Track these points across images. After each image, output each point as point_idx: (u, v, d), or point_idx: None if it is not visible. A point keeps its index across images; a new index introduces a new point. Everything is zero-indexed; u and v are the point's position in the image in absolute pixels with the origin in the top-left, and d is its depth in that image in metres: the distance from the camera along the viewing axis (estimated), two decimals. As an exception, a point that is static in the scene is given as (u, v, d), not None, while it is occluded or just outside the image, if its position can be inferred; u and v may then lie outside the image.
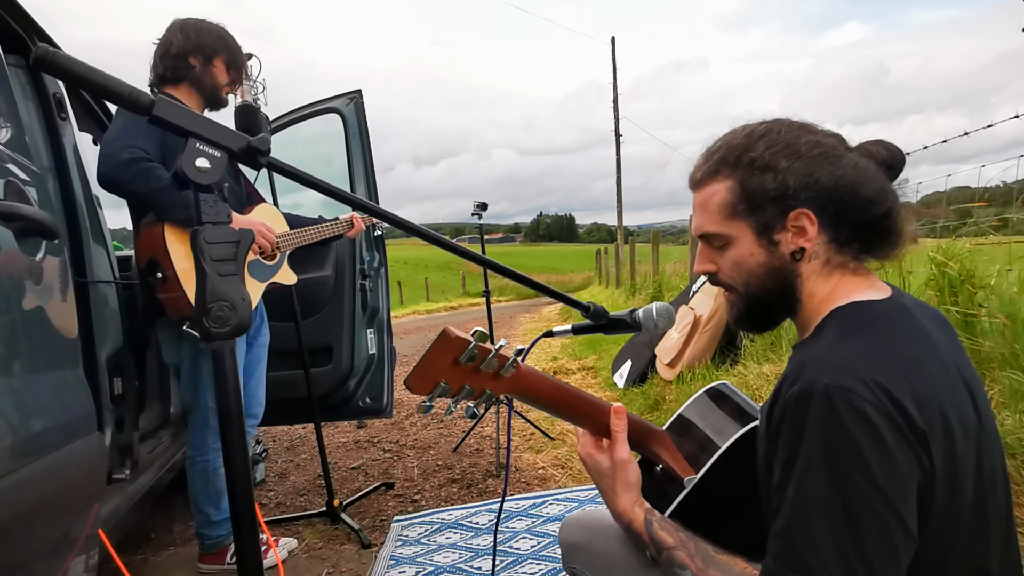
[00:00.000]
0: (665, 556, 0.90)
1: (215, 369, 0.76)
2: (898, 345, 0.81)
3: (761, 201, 0.89)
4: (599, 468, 1.00)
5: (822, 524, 0.73)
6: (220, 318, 0.74)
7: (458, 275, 35.95)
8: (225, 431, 0.76)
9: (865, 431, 0.72)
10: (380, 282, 3.26)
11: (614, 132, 21.93)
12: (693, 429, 1.12)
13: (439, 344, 0.85)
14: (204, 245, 0.74)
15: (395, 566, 2.28)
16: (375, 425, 4.45)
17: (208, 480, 2.22)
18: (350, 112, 3.18)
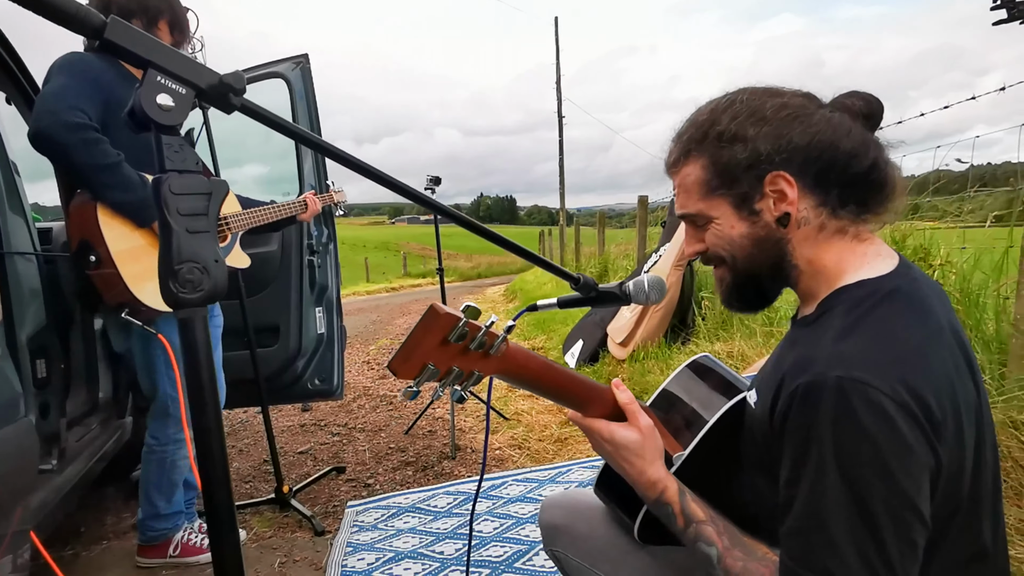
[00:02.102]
0: (693, 530, 0.86)
1: (184, 342, 0.65)
2: (911, 332, 0.77)
3: (735, 173, 0.86)
4: (627, 443, 0.91)
5: (840, 525, 0.69)
6: (190, 282, 0.64)
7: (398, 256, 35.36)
8: (197, 415, 0.66)
9: (882, 426, 0.69)
10: (329, 258, 3.11)
11: (557, 114, 21.92)
12: (678, 404, 1.08)
13: (426, 322, 0.76)
14: (169, 196, 0.63)
15: (352, 553, 2.19)
16: (321, 408, 4.29)
17: (164, 472, 2.07)
18: (296, 78, 2.98)
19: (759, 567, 0.80)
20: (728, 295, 0.96)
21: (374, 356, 6.34)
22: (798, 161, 0.84)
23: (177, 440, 2.06)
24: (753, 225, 0.88)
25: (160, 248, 0.64)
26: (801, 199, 0.85)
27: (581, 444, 3.20)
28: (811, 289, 0.90)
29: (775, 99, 0.86)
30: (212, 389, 0.66)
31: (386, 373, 5.42)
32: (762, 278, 0.91)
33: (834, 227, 0.87)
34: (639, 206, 5.98)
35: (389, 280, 21.89)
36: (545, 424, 3.54)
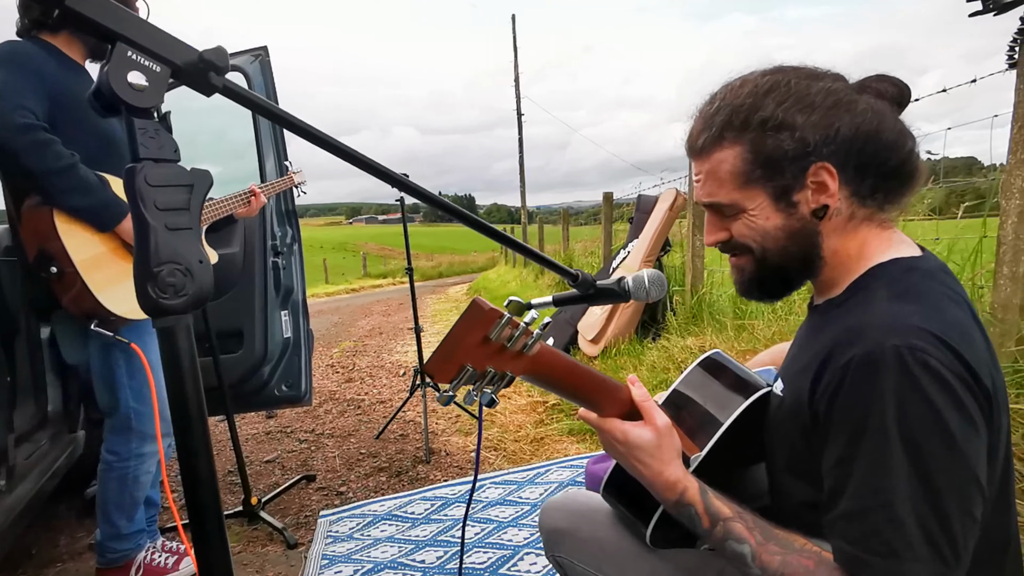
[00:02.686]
0: (721, 529, 0.80)
1: (167, 354, 0.57)
2: (954, 307, 0.76)
3: (779, 164, 0.81)
4: (642, 443, 0.87)
5: (904, 502, 0.67)
6: (171, 286, 0.56)
7: (357, 256, 34.85)
8: (182, 435, 0.58)
9: (943, 393, 0.67)
10: (294, 259, 2.99)
11: (516, 112, 21.90)
12: (691, 403, 1.04)
13: (469, 318, 0.71)
14: (145, 188, 0.55)
15: (329, 566, 2.10)
16: (286, 415, 4.15)
17: (125, 489, 1.94)
18: (255, 71, 2.85)
19: (800, 559, 0.75)
20: (749, 284, 0.92)
21: (338, 359, 6.19)
22: (842, 153, 0.80)
23: (140, 455, 1.94)
24: (789, 217, 0.84)
25: (136, 248, 0.56)
26: (839, 190, 0.82)
27: (557, 444, 3.16)
28: (832, 277, 0.88)
29: (819, 83, 0.82)
30: (199, 405, 0.59)
31: (353, 376, 5.30)
32: (791, 270, 0.88)
33: (861, 216, 0.85)
34: (604, 202, 5.98)
35: (349, 281, 21.52)
36: (520, 424, 3.49)
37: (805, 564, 0.74)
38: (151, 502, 2.14)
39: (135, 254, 0.56)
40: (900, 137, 0.83)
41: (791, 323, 2.97)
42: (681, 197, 4.17)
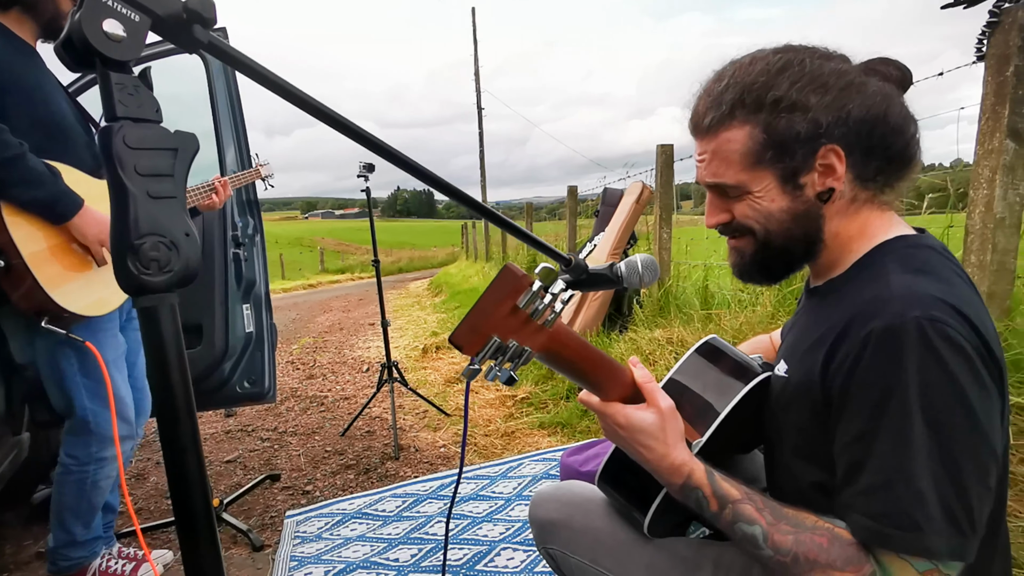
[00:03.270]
0: (729, 512, 0.78)
1: (149, 337, 0.51)
2: (965, 283, 0.77)
3: (791, 145, 0.80)
4: (645, 426, 0.84)
5: (926, 474, 0.67)
6: (155, 261, 0.50)
7: (315, 252, 34.17)
8: (168, 428, 0.52)
9: (964, 365, 0.67)
10: (256, 251, 2.88)
11: (476, 106, 21.78)
12: (690, 389, 1.02)
13: (500, 284, 0.68)
14: (124, 151, 0.49)
15: (298, 567, 2.02)
16: (247, 413, 4.01)
17: (84, 494, 1.83)
18: (213, 53, 2.73)
19: (813, 537, 0.73)
20: (748, 267, 0.90)
21: (298, 356, 6.03)
22: (852, 135, 0.79)
23: (100, 459, 1.82)
24: (794, 200, 0.83)
25: (113, 217, 0.50)
26: (845, 173, 0.81)
27: (528, 437, 3.14)
28: (832, 258, 0.87)
29: (830, 63, 0.81)
30: (186, 395, 0.53)
31: (314, 372, 5.16)
32: (793, 253, 0.87)
33: (863, 199, 0.85)
34: (569, 196, 5.98)
35: (306, 277, 21.07)
36: (489, 418, 3.45)
37: (819, 541, 0.73)
38: (110, 508, 2.03)
39: (112, 224, 0.50)
40: (905, 121, 0.83)
41: (757, 314, 3.02)
42: (647, 190, 4.19)
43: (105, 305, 1.74)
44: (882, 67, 0.86)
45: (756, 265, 0.90)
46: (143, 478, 3.00)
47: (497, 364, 0.73)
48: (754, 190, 0.84)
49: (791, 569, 0.73)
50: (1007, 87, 1.53)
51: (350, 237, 57.83)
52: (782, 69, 0.81)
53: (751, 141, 0.81)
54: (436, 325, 7.05)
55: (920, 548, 0.67)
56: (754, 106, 0.81)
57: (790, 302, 2.90)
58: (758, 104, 0.80)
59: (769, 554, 0.75)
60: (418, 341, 6.01)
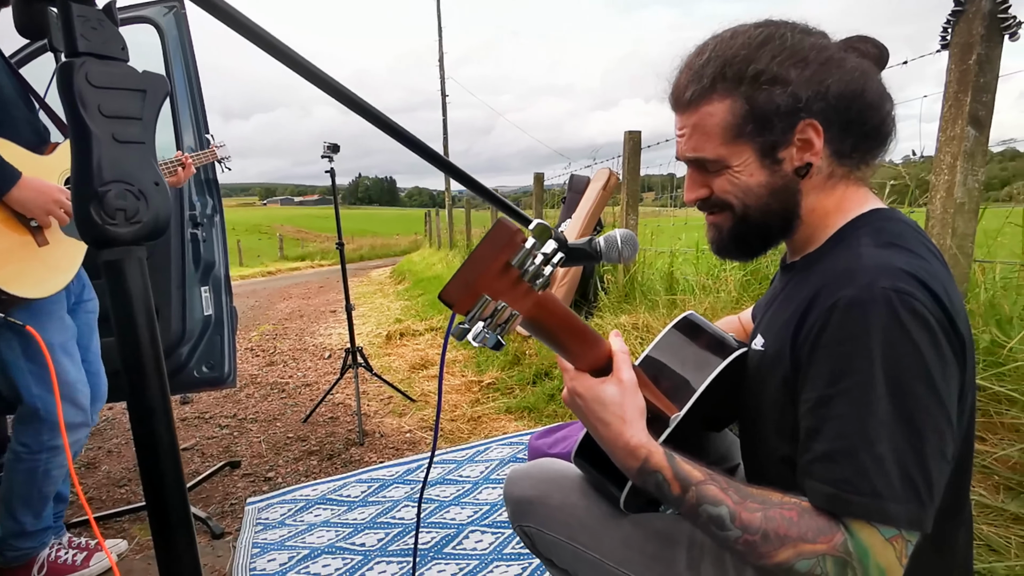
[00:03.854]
0: (693, 493, 0.76)
1: (115, 294, 0.48)
2: (935, 257, 0.78)
3: (771, 119, 0.80)
4: (603, 399, 0.82)
5: (885, 441, 0.67)
6: (121, 210, 0.46)
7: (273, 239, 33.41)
8: (137, 394, 0.48)
9: (926, 337, 0.68)
10: (215, 232, 2.77)
11: (440, 93, 21.53)
12: (667, 366, 1.02)
13: (494, 238, 0.65)
14: (87, 89, 0.45)
15: (261, 554, 1.97)
16: (203, 400, 3.89)
17: (35, 483, 1.74)
18: (169, 24, 2.60)
19: (782, 512, 0.73)
20: (726, 242, 0.90)
21: (257, 343, 5.88)
22: (831, 110, 0.79)
23: (52, 447, 1.73)
24: (773, 175, 0.83)
25: (74, 163, 0.46)
26: (823, 148, 0.81)
27: (495, 422, 3.13)
28: (809, 234, 0.88)
29: (811, 39, 0.81)
30: (156, 359, 0.49)
31: (274, 359, 5.05)
32: (771, 228, 0.87)
33: (839, 173, 0.85)
34: (535, 183, 5.97)
35: (265, 264, 20.58)
36: (455, 404, 3.43)
37: (788, 516, 0.72)
38: (60, 497, 1.93)
39: (73, 169, 0.46)
40: (881, 98, 0.83)
41: (722, 299, 3.06)
42: (614, 176, 4.20)
43: (47, 287, 1.64)
44: (860, 44, 0.87)
45: (734, 240, 0.90)
46: (94, 467, 2.89)
47: (486, 326, 0.71)
48: (733, 164, 0.83)
49: (760, 547, 0.72)
50: (970, 75, 1.57)
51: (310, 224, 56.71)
52: (763, 43, 0.80)
53: (731, 115, 0.81)
54: (400, 312, 6.97)
55: (879, 514, 0.67)
56: (735, 79, 0.80)
57: (754, 287, 2.95)
58: (739, 77, 0.80)
59: (737, 534, 0.73)
60: (382, 328, 5.94)
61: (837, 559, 0.69)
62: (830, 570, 0.69)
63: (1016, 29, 1.53)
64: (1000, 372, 1.51)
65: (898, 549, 0.68)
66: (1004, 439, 1.45)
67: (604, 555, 1.00)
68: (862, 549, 0.68)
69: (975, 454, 1.43)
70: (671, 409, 0.94)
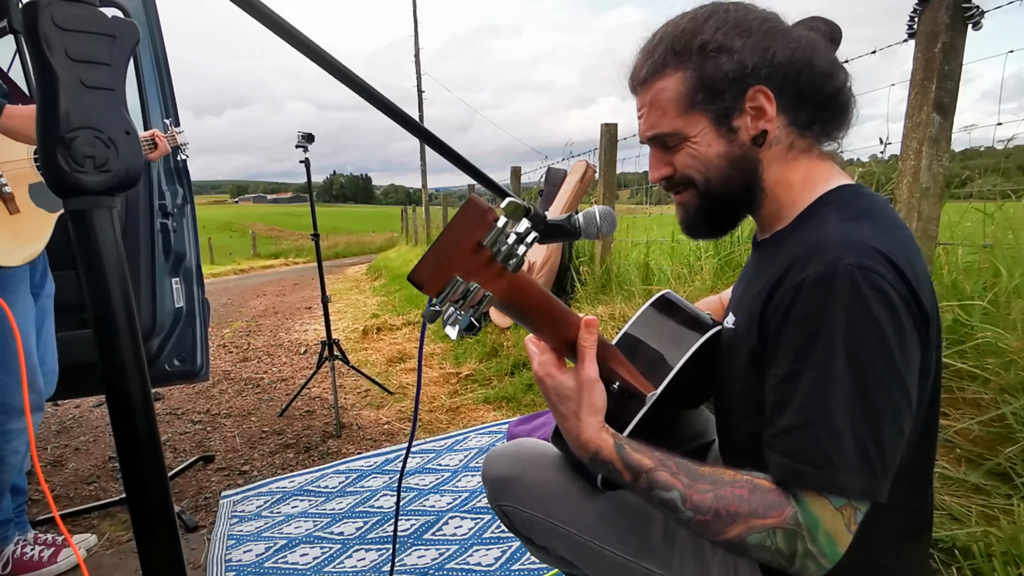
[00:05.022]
0: (644, 480, 0.78)
1: (83, 248, 0.46)
2: (901, 230, 0.79)
3: (719, 86, 0.82)
4: (560, 390, 0.84)
5: (843, 414, 0.69)
6: (90, 158, 0.45)
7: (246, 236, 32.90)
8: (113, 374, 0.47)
9: (887, 313, 0.69)
10: (186, 222, 2.72)
11: (416, 89, 21.41)
12: (644, 343, 1.02)
13: (465, 217, 0.64)
14: (52, 31, 0.44)
15: (236, 546, 1.94)
16: (175, 395, 3.82)
17: None
18: (136, 7, 2.54)
19: (732, 490, 0.74)
20: (693, 220, 0.91)
21: (231, 339, 5.79)
22: (779, 78, 0.81)
23: (5, 432, 1.68)
24: (730, 144, 0.84)
25: (39, 108, 0.44)
26: (777, 117, 0.83)
27: (473, 412, 3.12)
28: (776, 209, 0.88)
29: (755, 12, 0.83)
30: (129, 318, 0.48)
31: (248, 355, 4.97)
32: (734, 199, 0.88)
33: (801, 147, 0.86)
34: (512, 177, 5.97)
35: (237, 262, 20.25)
36: (433, 395, 3.42)
37: (739, 493, 0.74)
38: (18, 489, 1.88)
39: (38, 114, 0.44)
40: (833, 68, 0.85)
41: (696, 286, 3.10)
42: (591, 169, 4.22)
43: (14, 256, 1.59)
44: (811, 23, 0.89)
45: (701, 216, 0.91)
46: (62, 464, 2.81)
47: (457, 307, 0.70)
48: (690, 135, 0.85)
49: (712, 525, 0.73)
50: (935, 63, 1.61)
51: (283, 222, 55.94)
52: (707, 17, 0.84)
53: (682, 86, 0.83)
54: (376, 307, 6.92)
55: (833, 485, 0.69)
56: (684, 53, 0.83)
57: (728, 274, 2.99)
58: (687, 50, 0.83)
59: (689, 515, 0.75)
60: (358, 323, 5.89)
61: (787, 531, 0.71)
62: (779, 541, 0.71)
63: (979, 18, 1.57)
64: (962, 350, 1.56)
65: (846, 516, 0.70)
66: (966, 413, 1.49)
67: (580, 530, 1.01)
68: (812, 519, 0.70)
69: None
70: (647, 387, 0.94)
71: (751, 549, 0.73)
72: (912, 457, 0.79)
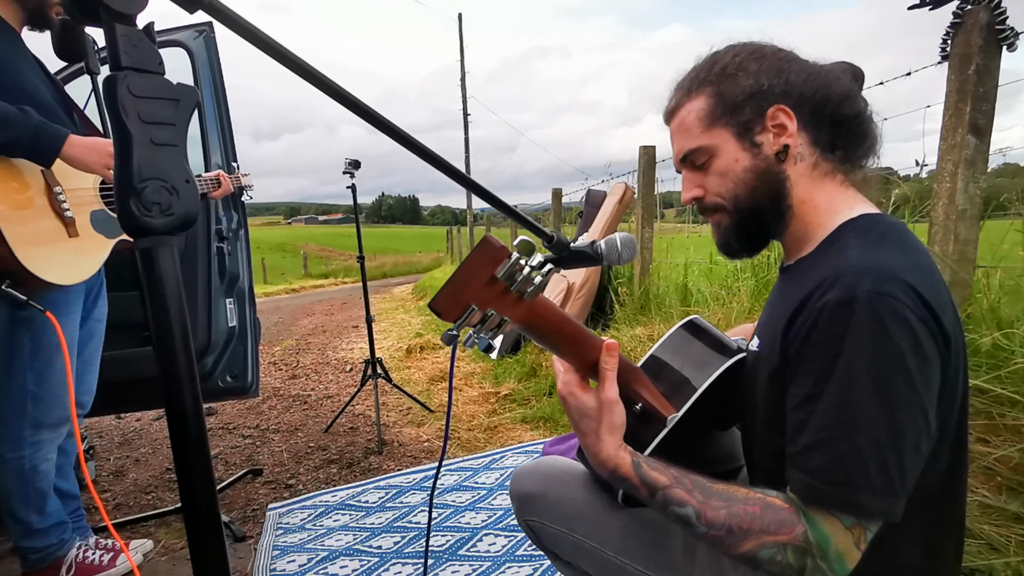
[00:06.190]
0: (660, 497, 0.82)
1: (149, 281, 0.54)
2: (921, 256, 0.81)
3: (739, 101, 0.88)
4: (582, 409, 0.89)
5: (866, 434, 0.71)
6: (156, 204, 0.53)
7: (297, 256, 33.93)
8: (173, 392, 0.55)
9: (907, 337, 0.71)
10: (240, 246, 2.88)
11: (462, 112, 21.84)
12: (669, 366, 1.06)
13: (479, 254, 0.70)
14: (128, 99, 0.52)
15: (281, 556, 2.03)
16: (227, 411, 3.99)
17: (26, 481, 1.78)
18: (199, 48, 2.74)
19: (745, 507, 0.77)
20: (728, 237, 0.95)
21: (280, 357, 6.00)
22: (795, 96, 0.87)
23: (35, 443, 1.78)
24: (755, 157, 0.89)
25: (116, 162, 0.53)
26: (798, 133, 0.88)
27: (511, 432, 3.17)
28: (803, 232, 0.91)
29: (772, 45, 0.91)
30: (184, 336, 0.55)
31: (297, 373, 5.15)
32: (763, 212, 0.91)
33: (825, 168, 0.90)
34: (553, 199, 6.04)
35: (289, 281, 20.92)
36: (472, 414, 3.47)
37: (751, 511, 0.76)
38: (68, 494, 1.99)
39: (115, 169, 0.53)
40: (852, 93, 0.90)
41: (735, 309, 3.08)
42: (630, 191, 4.25)
43: (70, 275, 1.69)
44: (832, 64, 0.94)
45: (734, 233, 0.95)
46: (122, 475, 2.98)
47: (475, 331, 0.76)
48: (716, 149, 0.90)
49: (726, 540, 0.77)
50: (969, 84, 1.60)
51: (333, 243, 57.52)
52: (727, 50, 0.92)
53: (704, 105, 0.90)
54: (420, 327, 7.05)
55: (852, 504, 0.71)
56: (706, 80, 0.91)
57: (764, 295, 2.96)
58: (709, 76, 0.91)
59: (703, 530, 0.78)
60: (402, 342, 6.02)
61: (797, 547, 0.73)
62: (790, 557, 0.73)
63: (1013, 40, 1.56)
64: (1000, 375, 1.52)
65: (856, 535, 0.72)
66: (1006, 440, 1.45)
67: (603, 544, 1.04)
68: (822, 537, 0.72)
69: (978, 456, 1.44)
70: (668, 410, 0.97)
71: (763, 563, 0.76)
72: (940, 480, 0.80)
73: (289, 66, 0.65)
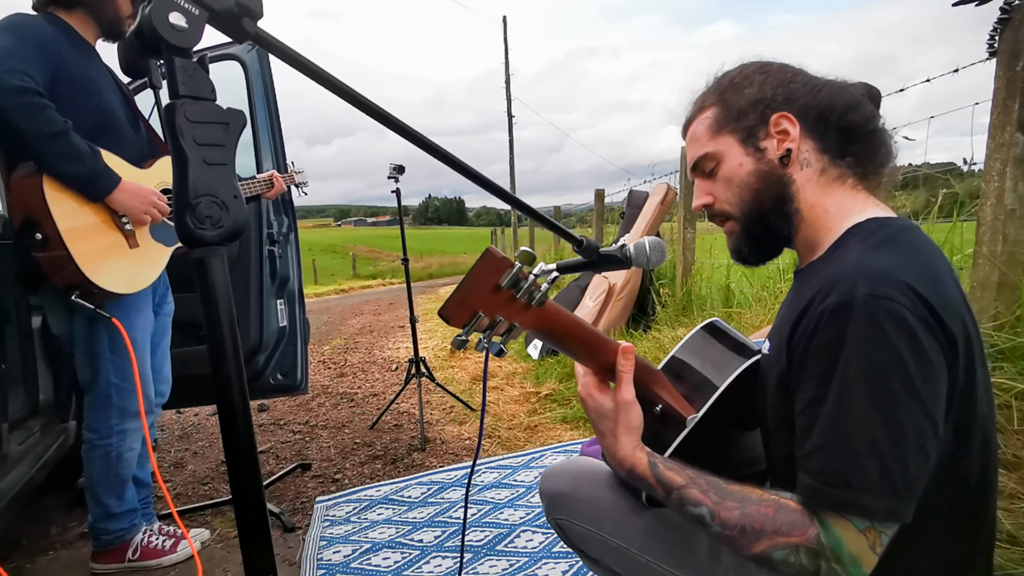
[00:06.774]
0: (676, 496, 0.84)
1: (202, 286, 0.60)
2: (925, 256, 0.81)
3: (743, 108, 0.92)
4: (600, 410, 0.91)
5: (863, 436, 0.71)
6: (208, 217, 0.59)
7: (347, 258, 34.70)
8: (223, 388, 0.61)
9: (905, 338, 0.71)
10: (290, 249, 3.00)
11: (507, 114, 21.97)
12: (689, 367, 1.08)
13: (482, 265, 0.75)
14: (184, 124, 0.58)
15: (327, 547, 2.12)
16: (279, 408, 4.15)
17: (111, 467, 1.94)
18: (252, 60, 2.87)
19: (758, 508, 0.78)
20: (738, 243, 0.97)
21: (329, 356, 6.19)
22: (799, 104, 0.90)
23: (121, 431, 1.93)
24: (758, 162, 0.92)
25: (175, 180, 0.59)
26: (802, 140, 0.90)
27: (551, 431, 3.20)
28: (814, 236, 0.92)
29: (779, 62, 0.95)
30: (232, 335, 0.61)
31: (345, 371, 5.30)
32: (768, 214, 0.93)
33: (834, 174, 0.91)
34: (596, 199, 6.04)
35: (338, 282, 21.44)
36: (513, 413, 3.52)
37: (764, 512, 0.78)
38: (140, 482, 2.14)
39: (174, 186, 0.59)
40: (860, 103, 0.91)
41: (776, 310, 3.03)
42: (672, 191, 4.23)
43: (134, 284, 1.83)
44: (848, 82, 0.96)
45: (743, 238, 0.97)
46: (181, 466, 3.15)
47: (485, 336, 0.80)
48: (721, 154, 0.94)
49: (739, 540, 0.78)
50: (1017, 81, 1.55)
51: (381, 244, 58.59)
52: (737, 67, 0.97)
53: (713, 115, 0.95)
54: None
55: (853, 505, 0.71)
56: (716, 92, 0.97)
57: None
58: (719, 90, 0.96)
59: (718, 530, 0.80)
60: (447, 342, 6.12)
61: (810, 549, 0.74)
62: (803, 559, 0.74)
63: (1067, 32, 1.50)
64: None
65: (871, 538, 0.72)
66: (1056, 446, 1.40)
67: (628, 543, 1.07)
68: (835, 540, 0.73)
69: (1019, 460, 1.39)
70: (688, 410, 0.99)
71: (778, 564, 0.77)
72: (965, 487, 0.80)
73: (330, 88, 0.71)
